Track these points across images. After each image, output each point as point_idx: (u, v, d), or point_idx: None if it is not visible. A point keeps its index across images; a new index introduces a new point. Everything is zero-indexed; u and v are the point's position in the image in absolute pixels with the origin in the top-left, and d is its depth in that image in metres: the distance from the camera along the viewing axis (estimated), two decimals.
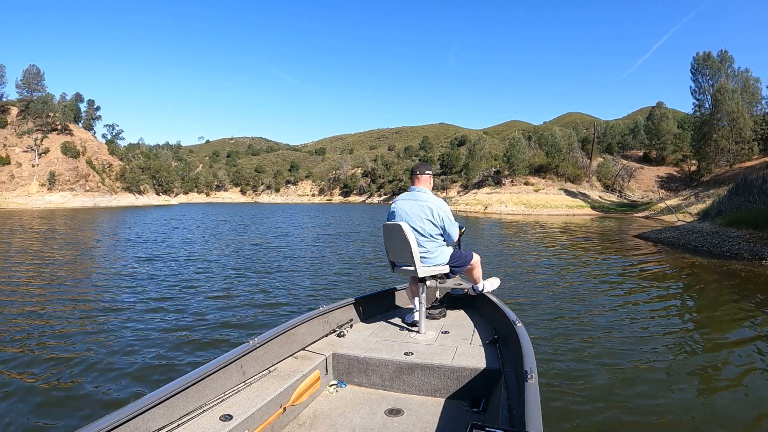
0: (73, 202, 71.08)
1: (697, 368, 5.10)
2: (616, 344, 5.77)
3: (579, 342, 5.84)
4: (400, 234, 3.48)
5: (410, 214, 3.67)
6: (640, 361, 5.19)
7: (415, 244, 3.48)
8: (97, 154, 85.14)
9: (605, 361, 5.17)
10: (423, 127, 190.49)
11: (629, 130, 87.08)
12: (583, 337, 6.06)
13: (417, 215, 3.66)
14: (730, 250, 13.94)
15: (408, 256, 3.51)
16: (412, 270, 3.55)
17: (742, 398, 4.31)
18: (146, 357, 5.11)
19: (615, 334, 6.21)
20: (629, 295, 8.89)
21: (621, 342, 5.87)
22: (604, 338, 6.01)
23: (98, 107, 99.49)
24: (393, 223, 3.59)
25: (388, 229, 3.64)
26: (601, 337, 6.08)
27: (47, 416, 3.81)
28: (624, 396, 4.28)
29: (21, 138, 77.25)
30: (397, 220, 3.63)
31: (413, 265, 3.52)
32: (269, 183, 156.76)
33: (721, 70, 51.30)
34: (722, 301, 8.47)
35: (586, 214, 50.76)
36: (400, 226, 3.47)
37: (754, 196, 17.85)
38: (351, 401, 2.82)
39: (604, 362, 5.12)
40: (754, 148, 47.56)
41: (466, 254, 3.94)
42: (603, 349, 5.56)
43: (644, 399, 4.23)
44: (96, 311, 7.10)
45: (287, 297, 8.27)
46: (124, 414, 1.86)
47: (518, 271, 11.70)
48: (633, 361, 5.20)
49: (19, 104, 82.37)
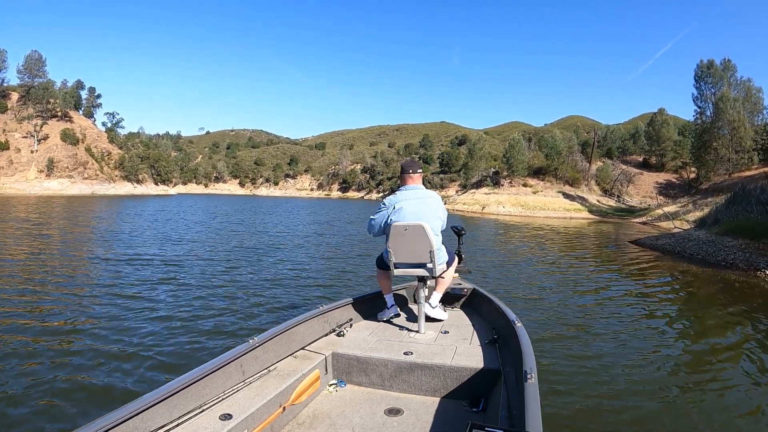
0: (71, 189, 70.87)
1: (692, 372, 5.18)
2: (614, 345, 5.87)
3: (578, 342, 5.92)
4: (420, 234, 3.41)
5: (422, 213, 3.59)
6: (637, 363, 5.26)
7: (435, 245, 3.44)
8: (96, 141, 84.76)
9: (604, 361, 5.25)
10: (424, 125, 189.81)
11: (630, 135, 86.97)
12: (582, 338, 6.15)
13: (429, 214, 3.62)
14: (725, 260, 13.94)
15: (425, 256, 3.46)
16: (426, 270, 3.51)
17: (740, 398, 4.39)
18: (144, 356, 5.09)
19: (611, 336, 6.30)
20: (625, 300, 8.94)
21: (618, 343, 5.97)
22: (601, 340, 6.10)
23: (99, 95, 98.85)
24: (411, 223, 3.46)
25: (401, 229, 3.48)
26: (598, 338, 6.17)
27: (47, 416, 3.80)
28: (623, 396, 4.34)
29: (21, 123, 76.90)
30: (411, 220, 3.53)
31: (431, 264, 3.47)
32: (268, 176, 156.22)
33: (723, 78, 51.27)
34: (717, 311, 8.50)
35: (583, 217, 50.77)
36: (422, 226, 3.39)
37: (751, 206, 17.86)
38: (350, 401, 2.84)
39: (603, 363, 5.19)
40: (753, 157, 47.55)
41: (451, 251, 4.00)
42: (601, 350, 5.64)
43: (644, 399, 4.29)
44: (92, 311, 7.07)
45: (287, 296, 8.26)
46: (124, 413, 1.86)
47: (515, 272, 11.73)
48: (630, 362, 5.28)
49: (19, 90, 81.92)
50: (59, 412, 3.83)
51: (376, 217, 3.74)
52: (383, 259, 3.84)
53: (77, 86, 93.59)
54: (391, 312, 3.96)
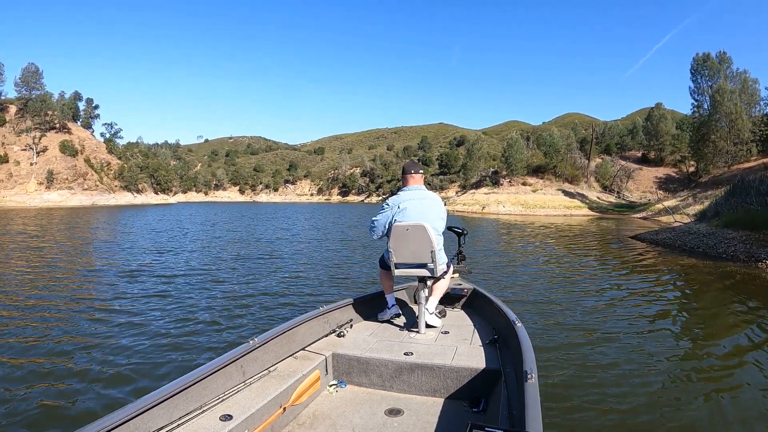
0: (71, 200, 70.91)
1: (694, 369, 5.14)
2: (615, 344, 5.82)
3: (578, 342, 5.89)
4: (421, 234, 3.42)
5: (425, 213, 3.60)
6: (638, 362, 5.24)
7: (436, 245, 3.45)
8: (95, 152, 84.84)
9: (605, 361, 5.22)
10: (422, 127, 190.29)
11: (628, 131, 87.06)
12: (583, 337, 6.11)
13: (432, 214, 3.63)
14: (726, 252, 13.96)
15: (426, 256, 3.46)
16: (428, 270, 3.51)
17: (736, 398, 4.35)
18: (145, 358, 5.11)
19: (613, 334, 6.26)
20: (625, 297, 8.93)
21: (619, 342, 5.92)
22: (602, 339, 6.06)
23: (97, 106, 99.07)
24: (413, 223, 3.47)
25: (402, 229, 3.49)
26: (599, 338, 6.12)
27: (47, 416, 3.81)
28: (624, 396, 4.32)
29: (19, 136, 76.95)
30: (414, 220, 3.53)
31: (432, 264, 3.47)
32: (268, 182, 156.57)
33: (720, 71, 51.36)
34: (718, 303, 8.50)
35: (583, 214, 50.80)
36: (424, 226, 3.41)
37: (751, 198, 17.85)
38: (351, 401, 2.84)
39: (603, 363, 5.16)
40: (752, 149, 47.58)
41: (448, 257, 3.98)
42: (602, 350, 5.61)
43: (645, 399, 4.27)
44: (92, 312, 7.11)
45: (287, 297, 8.28)
46: (124, 414, 1.86)
47: (516, 272, 11.73)
48: (631, 361, 5.25)
49: (17, 102, 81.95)
50: (59, 413, 3.84)
51: (380, 218, 3.72)
52: (385, 259, 3.85)
53: (75, 97, 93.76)
54: (392, 312, 3.96)
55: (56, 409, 3.94)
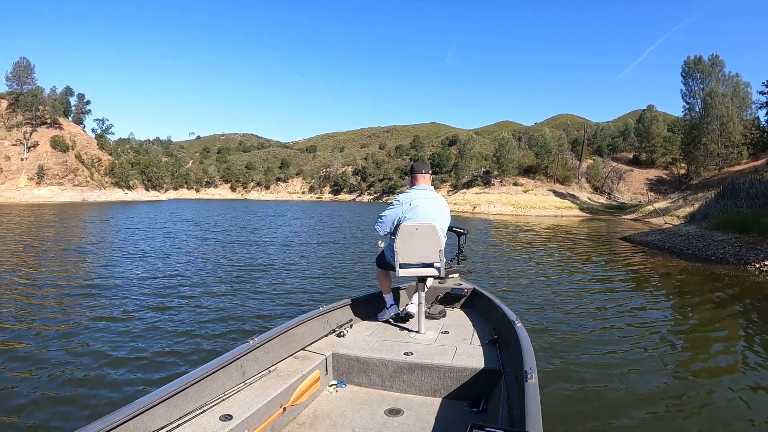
0: (61, 196, 70.31)
1: (693, 370, 5.28)
2: (613, 346, 5.89)
3: (578, 342, 5.96)
4: (431, 234, 3.39)
5: (435, 213, 3.60)
6: (636, 362, 5.32)
7: (443, 245, 3.44)
8: (86, 148, 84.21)
9: (604, 361, 5.28)
10: (414, 126, 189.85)
11: (620, 133, 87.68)
12: (581, 338, 6.17)
13: (441, 215, 3.64)
14: (715, 254, 14.07)
15: (434, 255, 3.43)
16: (434, 269, 3.48)
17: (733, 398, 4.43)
18: (145, 357, 5.10)
19: (610, 336, 6.35)
20: (618, 299, 8.97)
21: (617, 344, 5.99)
22: (600, 340, 6.14)
23: (88, 101, 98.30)
24: (423, 223, 3.43)
25: (411, 229, 3.44)
26: (597, 338, 6.22)
27: (46, 417, 3.80)
28: (624, 396, 4.39)
29: (10, 131, 76.24)
30: (424, 220, 3.50)
31: (439, 264, 3.44)
32: (259, 180, 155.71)
33: (711, 74, 51.83)
34: (708, 308, 8.54)
35: (574, 215, 51.09)
36: (434, 226, 3.38)
37: (740, 200, 18.03)
38: (351, 401, 2.84)
39: (602, 362, 5.23)
40: (743, 152, 48.00)
41: None
42: (601, 350, 5.68)
43: (644, 398, 4.33)
44: (91, 312, 7.06)
45: (287, 297, 8.27)
46: (124, 414, 1.87)
47: (507, 271, 11.78)
48: (630, 361, 5.32)
49: (8, 97, 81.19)
50: (59, 414, 3.82)
51: (388, 214, 3.67)
52: (384, 259, 3.84)
53: (66, 93, 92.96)
54: (391, 312, 3.95)
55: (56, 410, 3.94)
